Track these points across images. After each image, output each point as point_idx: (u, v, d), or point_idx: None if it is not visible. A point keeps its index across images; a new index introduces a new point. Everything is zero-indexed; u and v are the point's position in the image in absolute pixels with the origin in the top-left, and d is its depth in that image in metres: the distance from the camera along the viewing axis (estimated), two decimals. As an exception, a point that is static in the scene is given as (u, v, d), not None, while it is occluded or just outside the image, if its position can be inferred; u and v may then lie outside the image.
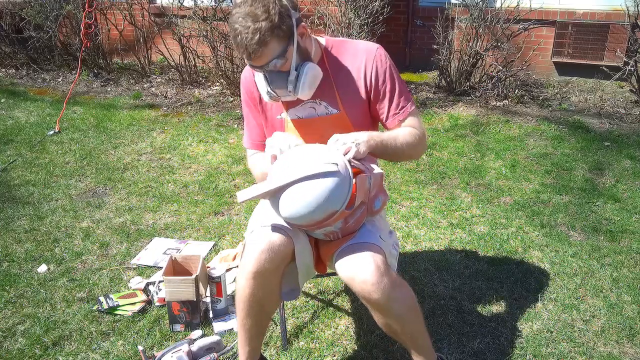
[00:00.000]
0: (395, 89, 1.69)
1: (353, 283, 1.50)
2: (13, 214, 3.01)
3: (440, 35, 4.84)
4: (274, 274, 1.55)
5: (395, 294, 1.50)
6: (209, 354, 1.91)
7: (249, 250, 1.54)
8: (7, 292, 2.33)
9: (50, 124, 4.46)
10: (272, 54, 1.49)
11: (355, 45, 1.71)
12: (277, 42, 1.48)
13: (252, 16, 1.44)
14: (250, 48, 1.46)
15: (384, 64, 1.68)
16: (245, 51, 1.47)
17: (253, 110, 1.81)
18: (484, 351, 1.96)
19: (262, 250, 1.51)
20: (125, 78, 5.89)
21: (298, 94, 1.58)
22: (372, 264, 1.48)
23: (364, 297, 1.51)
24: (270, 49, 1.48)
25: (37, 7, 5.81)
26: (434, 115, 4.55)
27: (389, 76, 1.68)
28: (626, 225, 2.80)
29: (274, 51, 1.49)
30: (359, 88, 1.69)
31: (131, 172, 3.56)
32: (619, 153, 3.71)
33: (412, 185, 3.30)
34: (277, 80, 1.56)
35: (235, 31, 1.46)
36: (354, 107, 1.71)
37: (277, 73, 1.55)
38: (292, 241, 1.57)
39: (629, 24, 4.53)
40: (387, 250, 1.61)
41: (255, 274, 1.52)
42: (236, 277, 1.59)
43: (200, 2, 5.19)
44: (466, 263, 2.50)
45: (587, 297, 2.25)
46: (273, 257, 1.51)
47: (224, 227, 2.86)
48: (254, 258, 1.51)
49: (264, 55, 1.48)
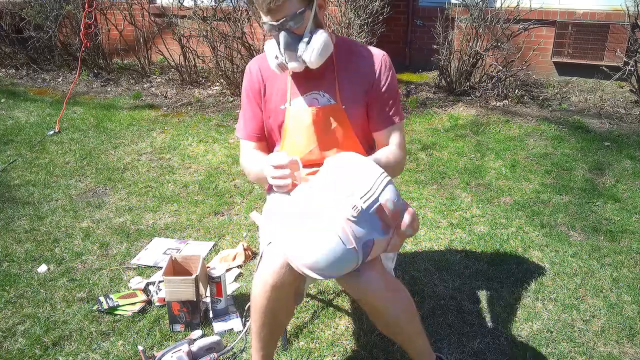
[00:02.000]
0: (392, 98, 1.74)
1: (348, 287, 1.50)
2: (13, 214, 3.01)
3: (440, 35, 4.84)
4: (291, 285, 1.54)
5: (390, 296, 1.50)
6: (209, 354, 1.91)
7: (268, 263, 1.52)
8: (7, 292, 2.33)
9: (50, 124, 4.46)
10: (291, 9, 1.51)
11: (364, 48, 1.75)
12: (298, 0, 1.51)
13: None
14: (272, 2, 1.48)
15: (389, 71, 1.72)
16: (265, 2, 1.49)
17: (253, 102, 1.79)
18: (484, 351, 1.96)
19: (282, 264, 1.49)
20: (125, 78, 5.89)
21: (307, 60, 1.58)
22: (367, 268, 1.48)
23: (360, 300, 1.51)
24: (291, 3, 1.50)
25: (37, 7, 5.81)
26: (434, 115, 4.55)
27: (390, 84, 1.73)
28: (626, 225, 2.80)
29: (293, 7, 1.51)
30: (361, 87, 1.71)
31: (131, 172, 3.57)
32: (619, 153, 3.71)
33: (412, 185, 3.30)
34: (290, 41, 1.56)
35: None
36: (353, 103, 1.72)
37: (291, 34, 1.56)
38: None
39: (629, 24, 4.53)
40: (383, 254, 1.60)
41: (274, 287, 1.50)
42: (252, 287, 1.57)
43: (200, 2, 5.19)
44: (466, 263, 2.50)
45: (587, 297, 2.25)
46: (292, 270, 1.50)
47: (224, 227, 2.86)
48: (274, 271, 1.49)
49: (283, 8, 1.50)
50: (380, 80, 1.71)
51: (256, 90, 1.78)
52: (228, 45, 5.02)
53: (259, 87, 1.77)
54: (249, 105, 1.81)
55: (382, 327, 1.62)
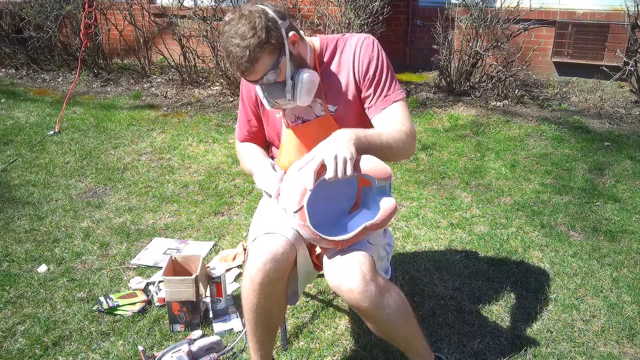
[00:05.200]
0: (383, 75, 1.65)
1: (340, 291, 1.49)
2: (13, 214, 3.01)
3: (440, 35, 4.84)
4: (279, 282, 1.54)
5: (383, 300, 1.49)
6: (209, 354, 1.91)
7: (253, 261, 1.52)
8: (7, 292, 2.33)
9: (50, 124, 4.46)
10: (264, 68, 1.49)
11: (345, 40, 1.69)
12: (268, 56, 1.48)
13: (240, 34, 1.44)
14: (242, 66, 1.47)
15: (371, 50, 1.65)
16: (238, 69, 1.48)
17: (247, 108, 1.83)
18: (484, 351, 1.96)
19: (266, 260, 1.49)
20: (125, 78, 5.89)
21: (297, 102, 1.58)
22: (357, 272, 1.46)
23: (352, 305, 1.50)
24: (261, 64, 1.47)
25: (37, 7, 5.81)
26: (434, 115, 4.55)
27: (377, 61, 1.64)
28: (626, 225, 2.80)
29: (266, 66, 1.49)
30: (349, 85, 1.66)
31: (131, 172, 3.57)
32: (619, 153, 3.71)
33: (412, 185, 3.30)
34: (275, 92, 1.56)
35: (227, 50, 1.47)
36: (341, 102, 1.68)
37: (274, 84, 1.55)
38: (295, 248, 1.56)
39: (629, 24, 4.53)
40: (375, 254, 1.58)
41: (261, 285, 1.51)
42: (241, 287, 1.58)
43: (200, 2, 5.19)
44: (466, 263, 2.50)
45: (587, 297, 2.25)
46: (277, 266, 1.50)
47: (224, 227, 2.86)
48: (258, 269, 1.50)
49: (256, 70, 1.48)
50: (362, 64, 1.64)
51: (251, 98, 1.80)
52: (228, 45, 5.01)
53: (254, 95, 1.78)
54: (243, 109, 1.85)
55: (378, 331, 1.60)
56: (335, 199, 1.59)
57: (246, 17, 1.45)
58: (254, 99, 1.79)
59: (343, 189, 1.59)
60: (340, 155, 1.39)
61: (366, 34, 1.70)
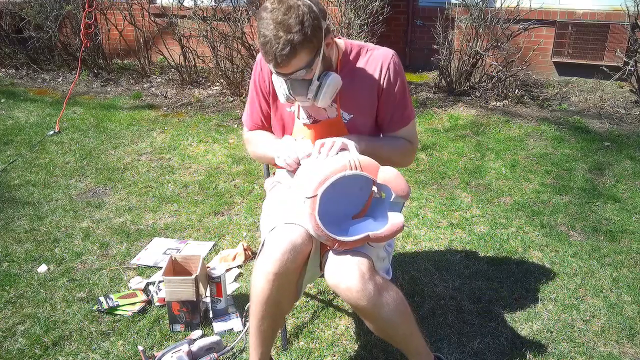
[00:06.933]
0: (404, 99, 1.71)
1: (338, 290, 1.49)
2: (13, 214, 3.01)
3: (440, 35, 4.84)
4: (294, 273, 1.52)
5: (381, 299, 1.49)
6: (209, 354, 1.91)
7: (270, 250, 1.50)
8: (7, 292, 2.33)
9: (50, 124, 4.46)
10: (299, 65, 1.47)
11: (371, 50, 1.70)
12: (307, 54, 1.47)
13: (285, 26, 1.41)
14: (279, 58, 1.44)
15: (398, 71, 1.68)
16: (274, 60, 1.45)
17: (260, 97, 1.80)
18: (484, 351, 1.96)
19: (285, 250, 1.48)
20: (125, 78, 5.89)
21: (318, 103, 1.58)
22: (356, 271, 1.47)
23: (350, 304, 1.50)
24: (299, 60, 1.46)
25: (37, 7, 5.81)
26: (434, 115, 4.55)
27: (401, 85, 1.69)
28: (626, 225, 2.80)
29: (302, 63, 1.47)
30: (370, 99, 1.68)
31: (131, 172, 3.56)
32: (619, 153, 3.71)
33: (412, 185, 3.30)
34: (299, 88, 1.55)
35: (265, 38, 1.43)
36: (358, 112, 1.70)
37: (300, 81, 1.54)
38: (312, 241, 1.55)
39: (629, 24, 4.53)
40: (375, 255, 1.58)
41: (277, 275, 1.48)
42: (252, 278, 1.55)
43: (200, 2, 5.19)
44: (466, 263, 2.50)
45: (587, 297, 2.25)
46: (295, 256, 1.49)
47: (224, 227, 2.86)
48: (276, 259, 1.47)
49: (291, 65, 1.47)
50: (390, 84, 1.67)
51: (266, 87, 1.78)
52: (228, 45, 5.02)
53: (267, 84, 1.76)
54: (256, 98, 1.82)
55: (376, 331, 1.60)
56: (345, 203, 1.60)
57: (294, 9, 1.42)
58: (267, 88, 1.77)
59: (354, 195, 1.59)
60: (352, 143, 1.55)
61: (392, 50, 1.71)
